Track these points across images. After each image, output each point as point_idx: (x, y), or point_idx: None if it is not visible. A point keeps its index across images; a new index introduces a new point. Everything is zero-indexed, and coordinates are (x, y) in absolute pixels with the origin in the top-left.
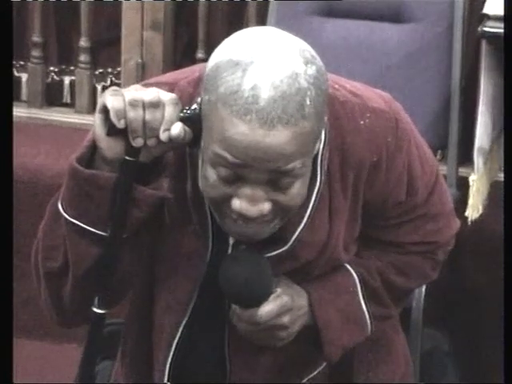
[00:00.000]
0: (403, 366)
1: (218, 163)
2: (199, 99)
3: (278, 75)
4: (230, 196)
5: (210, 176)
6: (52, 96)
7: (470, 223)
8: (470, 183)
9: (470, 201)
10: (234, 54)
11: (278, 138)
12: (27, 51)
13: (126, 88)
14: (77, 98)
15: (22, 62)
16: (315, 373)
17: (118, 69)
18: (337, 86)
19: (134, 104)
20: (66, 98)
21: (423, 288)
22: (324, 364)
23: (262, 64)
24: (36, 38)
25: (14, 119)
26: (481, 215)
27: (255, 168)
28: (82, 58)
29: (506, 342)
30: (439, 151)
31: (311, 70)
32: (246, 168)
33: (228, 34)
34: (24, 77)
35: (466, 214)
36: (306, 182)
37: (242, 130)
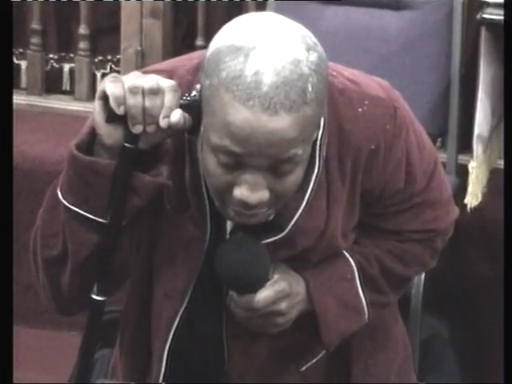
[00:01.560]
0: (402, 354)
1: (218, 150)
2: (198, 86)
3: (280, 61)
4: (230, 184)
5: (210, 164)
6: (51, 83)
7: (469, 211)
8: (470, 171)
9: (470, 188)
10: (235, 39)
11: (281, 123)
12: (26, 38)
13: (126, 75)
14: (76, 85)
15: (21, 50)
16: (314, 361)
17: (118, 56)
18: (335, 73)
19: (133, 91)
20: (66, 86)
21: (422, 276)
22: (322, 352)
23: (265, 49)
24: (35, 26)
25: (14, 107)
26: (480, 203)
27: (256, 155)
28: (82, 45)
29: (506, 337)
30: (439, 139)
31: (313, 56)
32: (247, 155)
33: (227, 21)
34: (23, 64)
35: (466, 201)
36: (303, 168)
37: (244, 116)
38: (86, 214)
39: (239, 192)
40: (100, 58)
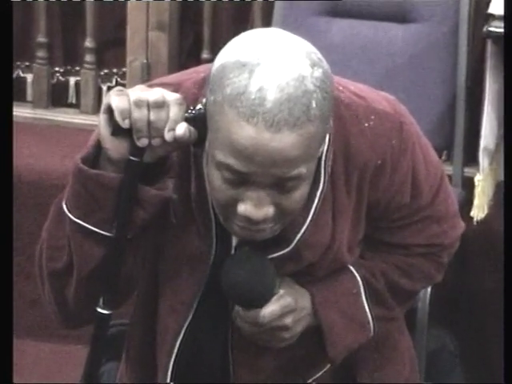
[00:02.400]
0: (409, 367)
1: (222, 167)
2: (204, 100)
3: (284, 77)
4: (235, 199)
5: (214, 178)
6: (57, 97)
7: (475, 223)
8: (476, 183)
9: (476, 201)
10: (240, 55)
11: (284, 141)
12: (32, 52)
13: (131, 88)
14: (82, 98)
15: (27, 63)
16: (319, 374)
17: (124, 69)
18: (341, 88)
19: (138, 104)
20: (72, 99)
21: (429, 288)
22: (328, 365)
23: (269, 66)
24: (41, 39)
25: (20, 120)
26: (486, 215)
27: (260, 173)
28: (88, 58)
29: (506, 342)
30: (445, 151)
31: (317, 72)
32: (252, 172)
33: (233, 35)
34: (29, 77)
35: (472, 214)
36: (309, 184)
37: (248, 134)
38: (91, 227)
39: (244, 208)
40: (106, 71)
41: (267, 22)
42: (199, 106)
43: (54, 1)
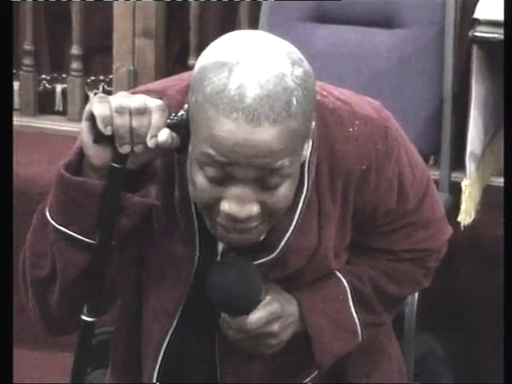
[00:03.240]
0: (397, 372)
1: (205, 163)
2: (186, 106)
3: (264, 75)
4: (219, 199)
5: (198, 179)
6: (44, 104)
7: (462, 228)
8: (463, 188)
9: (463, 206)
10: (220, 55)
11: (265, 134)
12: (19, 59)
13: (113, 95)
14: (69, 105)
15: (13, 71)
16: (307, 380)
17: (110, 76)
18: (325, 93)
19: (120, 111)
20: (59, 106)
21: (416, 294)
22: (316, 372)
23: (249, 64)
24: (28, 46)
25: None
26: (473, 220)
27: (243, 166)
28: (74, 65)
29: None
30: (432, 156)
31: (298, 71)
32: (234, 166)
33: None
34: (16, 85)
35: (459, 219)
36: (293, 184)
37: (228, 128)
38: (74, 234)
39: (227, 206)
40: (92, 78)
41: (254, 28)
42: (181, 112)
43: (40, 8)
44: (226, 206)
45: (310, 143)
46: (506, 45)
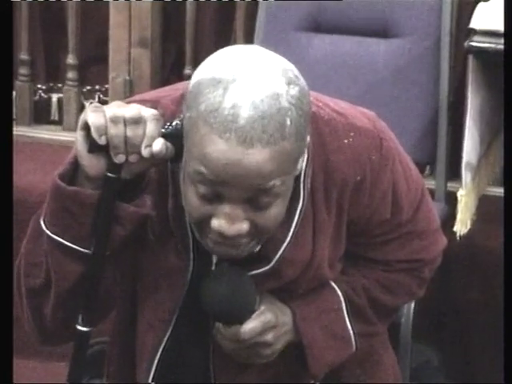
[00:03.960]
0: (393, 382)
1: (197, 180)
2: (181, 115)
3: (258, 95)
4: (209, 215)
5: (190, 195)
6: (40, 114)
7: (458, 238)
8: (459, 198)
9: (459, 216)
10: (216, 71)
11: (257, 156)
12: (15, 69)
13: (108, 105)
14: (65, 115)
15: None
16: None
17: (106, 86)
18: (321, 105)
19: (115, 120)
20: (54, 116)
21: (412, 303)
22: (310, 382)
23: (244, 83)
24: (23, 56)
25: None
26: (469, 230)
27: (234, 186)
28: (70, 75)
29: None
30: (428, 166)
31: (293, 90)
32: (225, 186)
33: (216, 51)
34: (12, 94)
35: (455, 229)
36: (285, 202)
37: (220, 148)
38: (69, 244)
39: (217, 223)
40: (88, 87)
41: (250, 38)
42: (176, 122)
43: (35, 18)
44: (215, 224)
45: (305, 155)
46: (506, 54)
